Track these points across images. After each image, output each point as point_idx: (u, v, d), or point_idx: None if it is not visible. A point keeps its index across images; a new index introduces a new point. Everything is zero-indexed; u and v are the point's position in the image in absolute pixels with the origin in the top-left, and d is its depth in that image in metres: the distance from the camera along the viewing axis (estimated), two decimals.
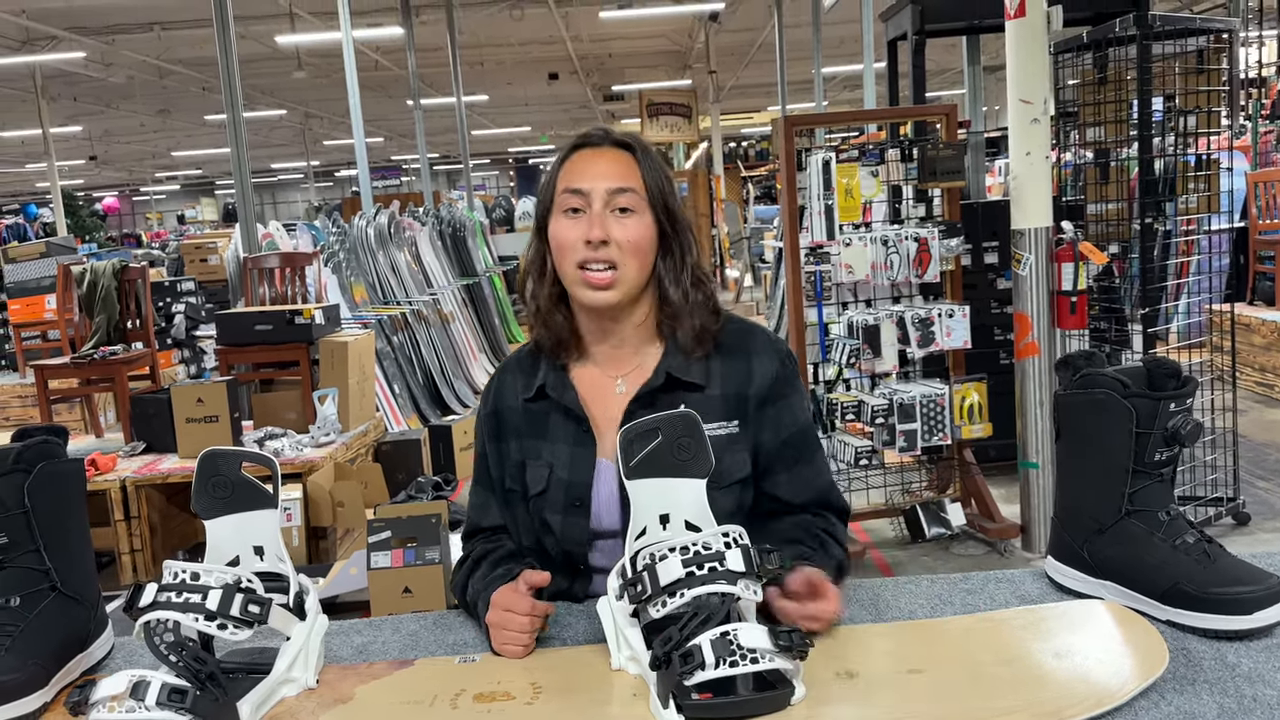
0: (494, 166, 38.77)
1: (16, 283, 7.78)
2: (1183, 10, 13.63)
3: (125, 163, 29.55)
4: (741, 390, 1.43)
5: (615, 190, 1.39)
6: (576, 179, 1.40)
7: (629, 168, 1.42)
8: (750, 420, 1.42)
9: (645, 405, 1.40)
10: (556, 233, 1.41)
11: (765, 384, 1.43)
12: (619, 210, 1.39)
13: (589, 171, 1.41)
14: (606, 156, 1.43)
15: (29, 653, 1.18)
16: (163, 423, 4.23)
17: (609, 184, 1.39)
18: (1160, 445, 1.21)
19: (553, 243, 1.42)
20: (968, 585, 1.37)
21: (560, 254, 1.41)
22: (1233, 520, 3.97)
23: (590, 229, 1.38)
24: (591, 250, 1.38)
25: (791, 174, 3.88)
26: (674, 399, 1.40)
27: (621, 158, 1.43)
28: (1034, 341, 3.68)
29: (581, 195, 1.39)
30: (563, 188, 1.41)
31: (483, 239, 10.87)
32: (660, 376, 1.42)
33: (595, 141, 1.45)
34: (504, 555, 1.44)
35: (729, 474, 1.39)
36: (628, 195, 1.40)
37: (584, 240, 1.38)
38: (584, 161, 1.43)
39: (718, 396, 1.42)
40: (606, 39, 16.76)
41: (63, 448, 1.30)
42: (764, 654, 1.03)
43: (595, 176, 1.40)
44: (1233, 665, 1.10)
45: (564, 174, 1.42)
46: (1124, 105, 3.89)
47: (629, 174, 1.41)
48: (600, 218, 1.38)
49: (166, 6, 12.22)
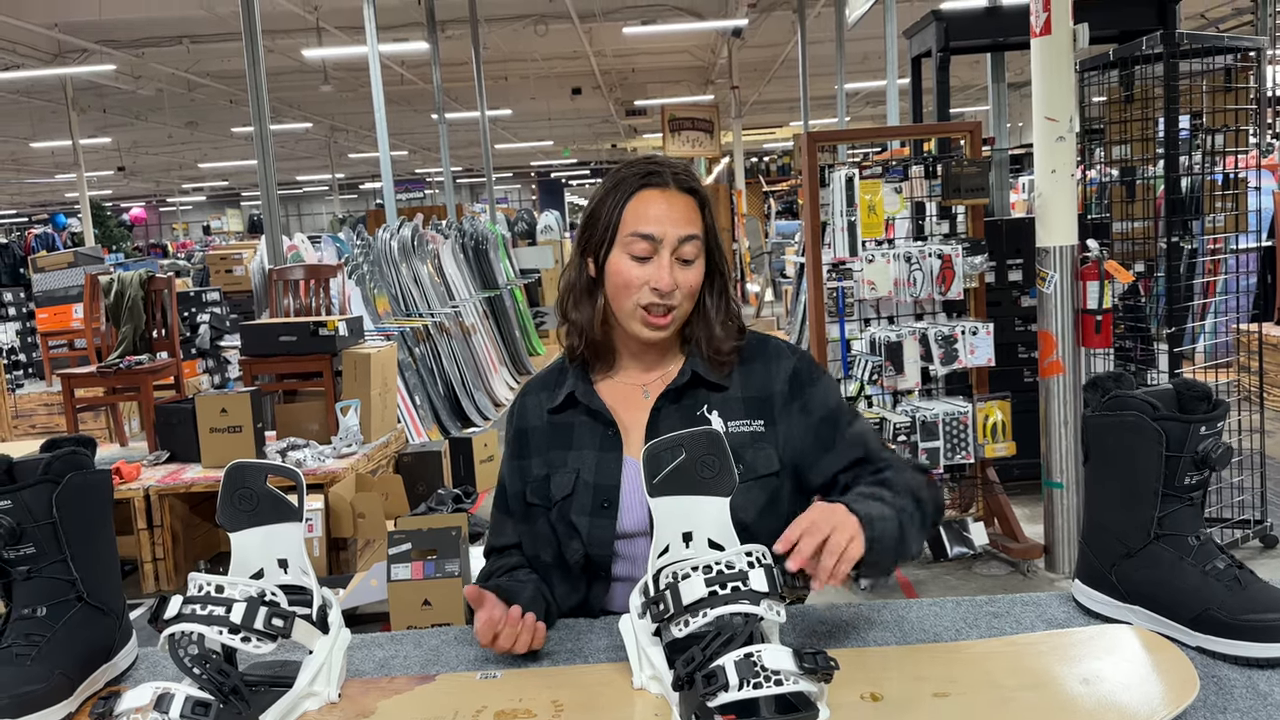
0: (516, 180, 38.95)
1: (45, 292, 7.88)
2: (1209, 28, 13.55)
3: (153, 174, 29.88)
4: (764, 392, 1.47)
5: (684, 239, 1.42)
6: (647, 224, 1.41)
7: (695, 215, 1.44)
8: (778, 418, 1.45)
9: (672, 401, 1.45)
10: (620, 271, 1.42)
11: (785, 381, 1.47)
12: (683, 261, 1.42)
13: (661, 218, 1.42)
14: (676, 203, 1.43)
15: (54, 662, 1.19)
16: (186, 432, 4.26)
17: (679, 232, 1.42)
18: (1190, 469, 1.20)
19: (614, 278, 1.43)
20: (993, 608, 1.35)
21: (623, 291, 1.43)
22: (1260, 542, 3.92)
23: (660, 278, 1.40)
24: (658, 298, 1.41)
25: (814, 190, 3.88)
26: (700, 397, 1.46)
27: (688, 204, 1.44)
28: (1058, 360, 3.65)
29: (652, 242, 1.41)
30: (631, 229, 1.42)
31: (504, 252, 10.92)
32: (686, 374, 1.46)
33: (662, 183, 1.44)
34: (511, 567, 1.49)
35: (757, 468, 1.42)
36: (693, 244, 1.43)
37: (652, 287, 1.41)
38: (653, 204, 1.43)
39: (739, 398, 1.46)
40: (630, 54, 16.84)
41: (91, 459, 1.31)
42: (788, 676, 1.02)
43: (667, 223, 1.41)
44: (1265, 694, 1.08)
45: (631, 214, 1.43)
46: (1150, 123, 3.86)
47: (695, 221, 1.44)
48: (670, 268, 1.41)
49: (196, 20, 12.37)
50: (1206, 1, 13.78)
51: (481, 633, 1.26)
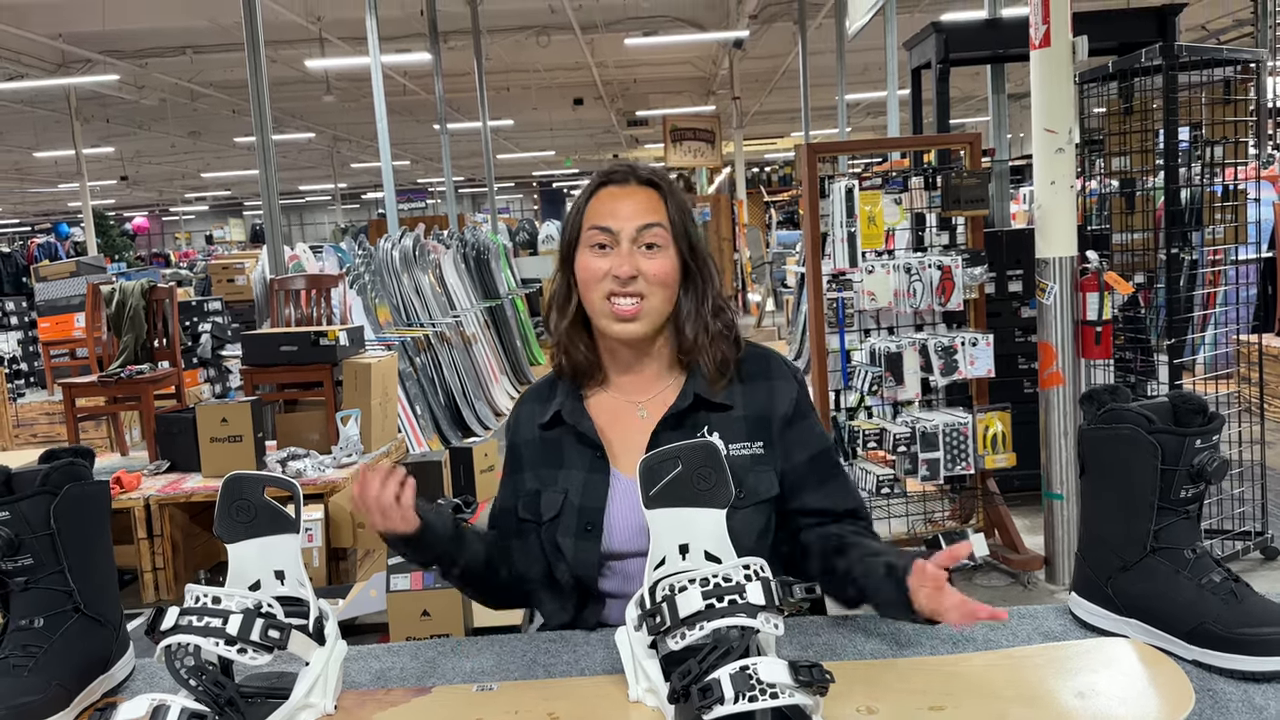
0: (518, 190, 39.01)
1: (47, 301, 7.89)
2: (1210, 40, 13.58)
3: (155, 183, 29.96)
4: (765, 413, 1.45)
5: (642, 227, 1.42)
6: (604, 217, 1.43)
7: (655, 204, 1.44)
8: (776, 441, 1.44)
9: (672, 428, 1.43)
10: (584, 265, 1.43)
11: (787, 405, 1.46)
12: (646, 246, 1.42)
13: (617, 210, 1.43)
14: (634, 195, 1.44)
15: (51, 674, 1.19)
16: (187, 442, 4.26)
17: (636, 222, 1.42)
18: (1186, 482, 1.20)
19: (580, 274, 1.44)
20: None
21: (587, 286, 1.43)
22: (1260, 554, 3.91)
23: (619, 265, 1.40)
24: (619, 285, 1.40)
25: (814, 200, 3.89)
26: (700, 420, 1.43)
27: (648, 195, 1.45)
28: (1058, 371, 3.65)
29: (609, 233, 1.42)
30: (589, 224, 1.43)
31: (506, 262, 10.93)
32: (688, 398, 1.44)
33: (621, 179, 1.46)
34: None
35: (758, 492, 1.41)
36: (654, 231, 1.42)
37: (612, 275, 1.40)
38: (611, 199, 1.44)
39: (742, 418, 1.44)
40: (631, 65, 16.88)
41: (89, 470, 1.31)
42: (784, 689, 1.02)
43: (623, 216, 1.42)
44: (1260, 708, 1.08)
45: (591, 211, 1.44)
46: (1150, 135, 3.87)
47: (656, 210, 1.44)
48: (629, 255, 1.41)
49: (199, 31, 12.42)
50: (1207, 13, 13.80)
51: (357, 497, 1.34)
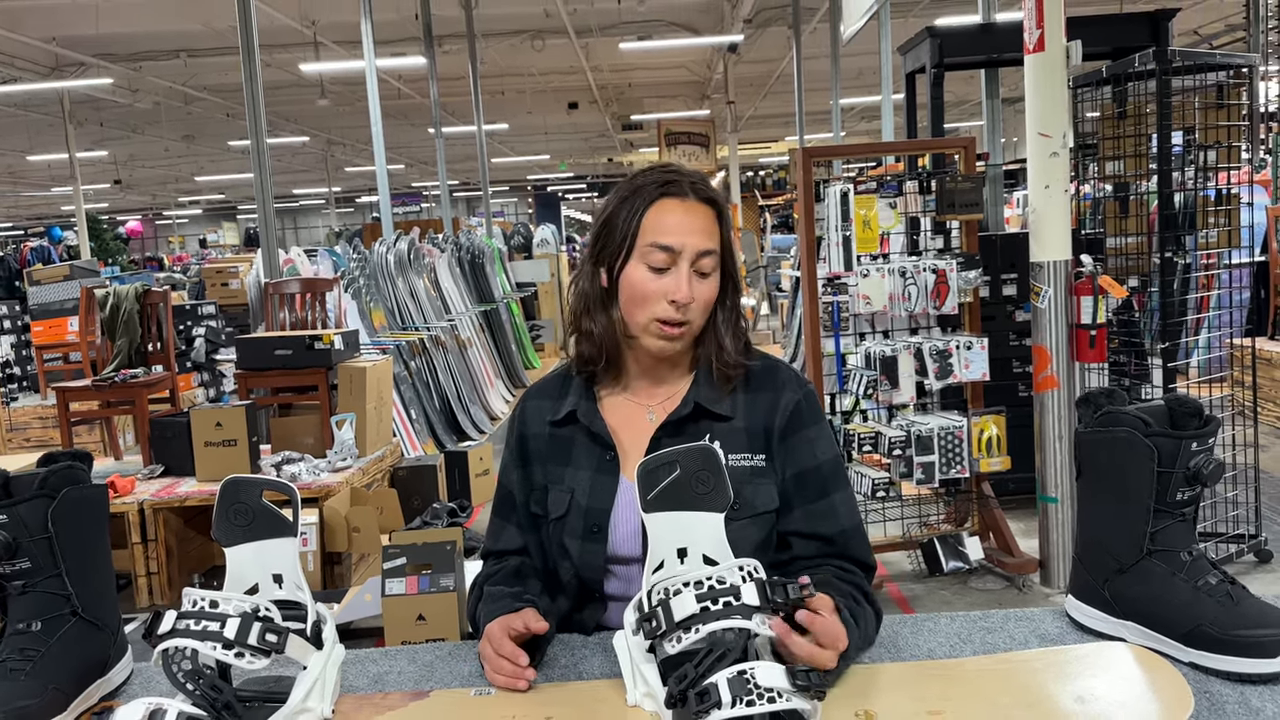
0: (513, 194, 39.00)
1: (40, 305, 7.88)
2: (1203, 45, 13.64)
3: (149, 187, 29.90)
4: (766, 423, 1.43)
5: (703, 253, 1.39)
6: (668, 235, 1.38)
7: (714, 226, 1.42)
8: (775, 454, 1.42)
9: (672, 434, 1.41)
10: (637, 282, 1.40)
11: (786, 416, 1.43)
12: (700, 273, 1.40)
13: (682, 229, 1.39)
14: (695, 214, 1.41)
15: (49, 677, 1.19)
16: (181, 446, 4.25)
17: (699, 246, 1.39)
18: (1182, 485, 1.21)
19: (631, 289, 1.41)
20: (987, 623, 1.35)
21: (638, 303, 1.40)
22: (1255, 557, 3.92)
23: (678, 289, 1.37)
24: (675, 311, 1.38)
25: (809, 204, 3.89)
26: (700, 429, 1.42)
27: (708, 215, 1.42)
28: (1053, 374, 3.66)
29: (671, 254, 1.38)
30: (650, 240, 1.39)
31: (501, 266, 10.93)
32: (689, 405, 1.43)
33: (683, 193, 1.41)
34: (506, 575, 1.45)
35: (755, 505, 1.38)
36: (711, 259, 1.40)
37: (669, 299, 1.38)
38: (673, 215, 1.40)
39: (743, 429, 1.42)
40: (626, 69, 16.90)
41: (87, 473, 1.31)
42: (781, 693, 1.02)
43: (687, 235, 1.39)
44: (1257, 710, 1.08)
45: (651, 225, 1.39)
46: (1143, 139, 3.89)
47: (714, 234, 1.41)
48: (688, 279, 1.38)
49: (193, 34, 12.41)
50: (1199, 18, 13.86)
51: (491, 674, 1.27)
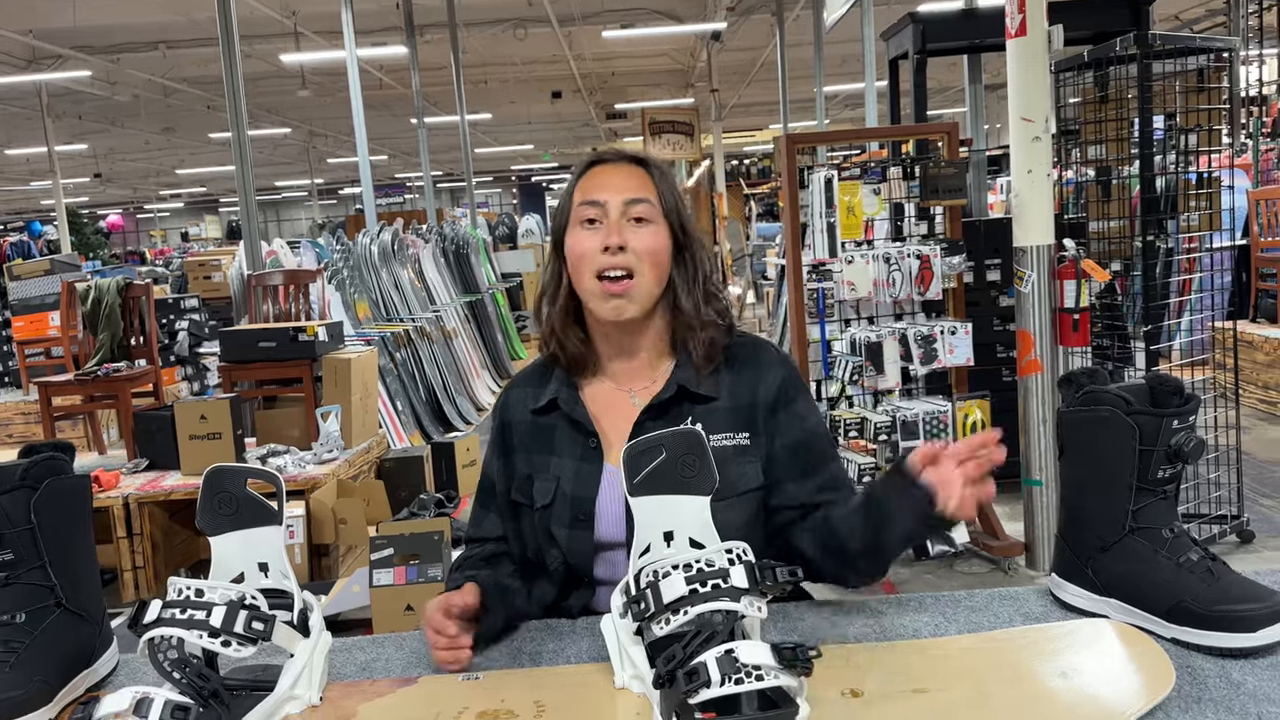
0: (497, 184, 38.90)
1: (21, 300, 7.80)
2: (1183, 29, 13.70)
3: (129, 180, 29.68)
4: (751, 401, 1.44)
5: (631, 200, 1.43)
6: (593, 191, 1.44)
7: (644, 181, 1.46)
8: (761, 430, 1.43)
9: (655, 417, 1.42)
10: (573, 244, 1.44)
11: (772, 391, 1.44)
12: (635, 220, 1.43)
13: (606, 184, 1.44)
14: (622, 171, 1.47)
15: (34, 669, 1.18)
16: (165, 439, 4.23)
17: (625, 195, 1.43)
18: (1163, 462, 1.22)
19: (570, 255, 1.44)
20: (972, 603, 1.36)
21: (578, 265, 1.43)
22: (1237, 538, 3.96)
23: (608, 236, 1.41)
24: (609, 257, 1.40)
25: (794, 192, 3.90)
26: (684, 410, 1.43)
27: (636, 172, 1.47)
28: (1036, 359, 3.68)
29: (598, 206, 1.43)
30: (579, 200, 1.44)
31: (485, 256, 10.90)
32: (671, 388, 1.43)
33: (610, 158, 1.49)
34: (479, 560, 1.48)
35: (738, 484, 1.39)
36: (643, 205, 1.43)
37: (601, 248, 1.41)
38: (600, 176, 1.47)
39: (727, 409, 1.43)
40: (609, 58, 16.87)
41: (69, 464, 1.30)
42: (768, 670, 1.03)
43: (611, 189, 1.44)
44: (1238, 683, 1.09)
45: (580, 189, 1.46)
46: (1125, 123, 3.90)
47: (644, 186, 1.45)
48: (617, 226, 1.41)
49: (172, 26, 12.31)
50: (1180, 3, 13.93)
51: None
